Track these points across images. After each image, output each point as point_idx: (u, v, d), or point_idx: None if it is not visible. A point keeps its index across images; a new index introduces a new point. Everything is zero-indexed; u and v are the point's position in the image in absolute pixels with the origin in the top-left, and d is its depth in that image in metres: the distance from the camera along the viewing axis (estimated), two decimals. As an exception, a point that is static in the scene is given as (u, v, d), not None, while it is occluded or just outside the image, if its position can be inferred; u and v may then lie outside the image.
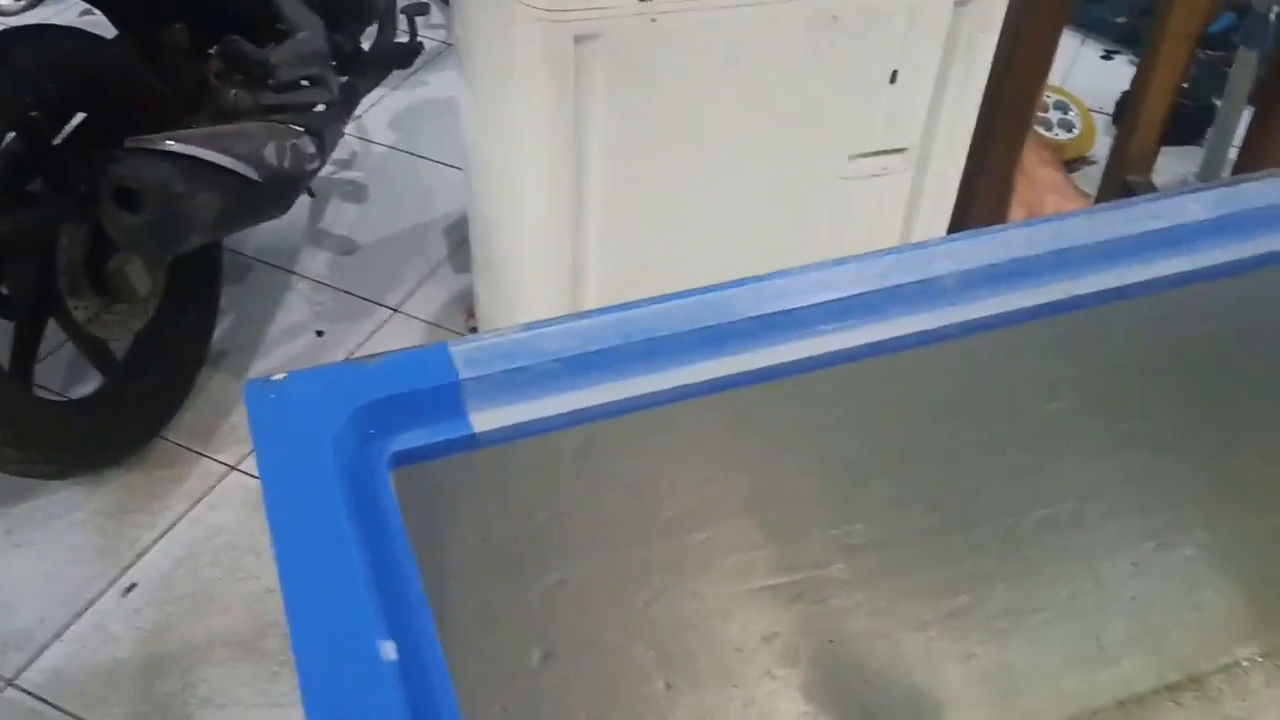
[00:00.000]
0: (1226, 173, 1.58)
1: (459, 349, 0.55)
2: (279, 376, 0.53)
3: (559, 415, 0.54)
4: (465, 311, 1.42)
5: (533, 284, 1.01)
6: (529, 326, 0.56)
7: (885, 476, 0.66)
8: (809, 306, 0.59)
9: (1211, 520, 0.80)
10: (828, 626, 0.73)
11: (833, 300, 0.59)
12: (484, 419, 0.53)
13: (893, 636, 0.76)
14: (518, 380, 0.54)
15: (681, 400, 0.56)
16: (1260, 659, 0.94)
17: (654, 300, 0.58)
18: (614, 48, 0.83)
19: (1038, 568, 0.76)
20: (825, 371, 0.58)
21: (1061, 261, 0.61)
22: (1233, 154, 1.59)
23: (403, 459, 0.52)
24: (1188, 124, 1.71)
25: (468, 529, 0.57)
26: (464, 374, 0.54)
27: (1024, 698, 0.87)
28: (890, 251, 0.62)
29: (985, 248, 0.62)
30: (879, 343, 0.59)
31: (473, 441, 0.53)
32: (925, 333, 0.59)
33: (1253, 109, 1.27)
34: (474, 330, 1.37)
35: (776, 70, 0.86)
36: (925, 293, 0.60)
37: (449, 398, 0.53)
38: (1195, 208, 0.65)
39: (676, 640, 0.68)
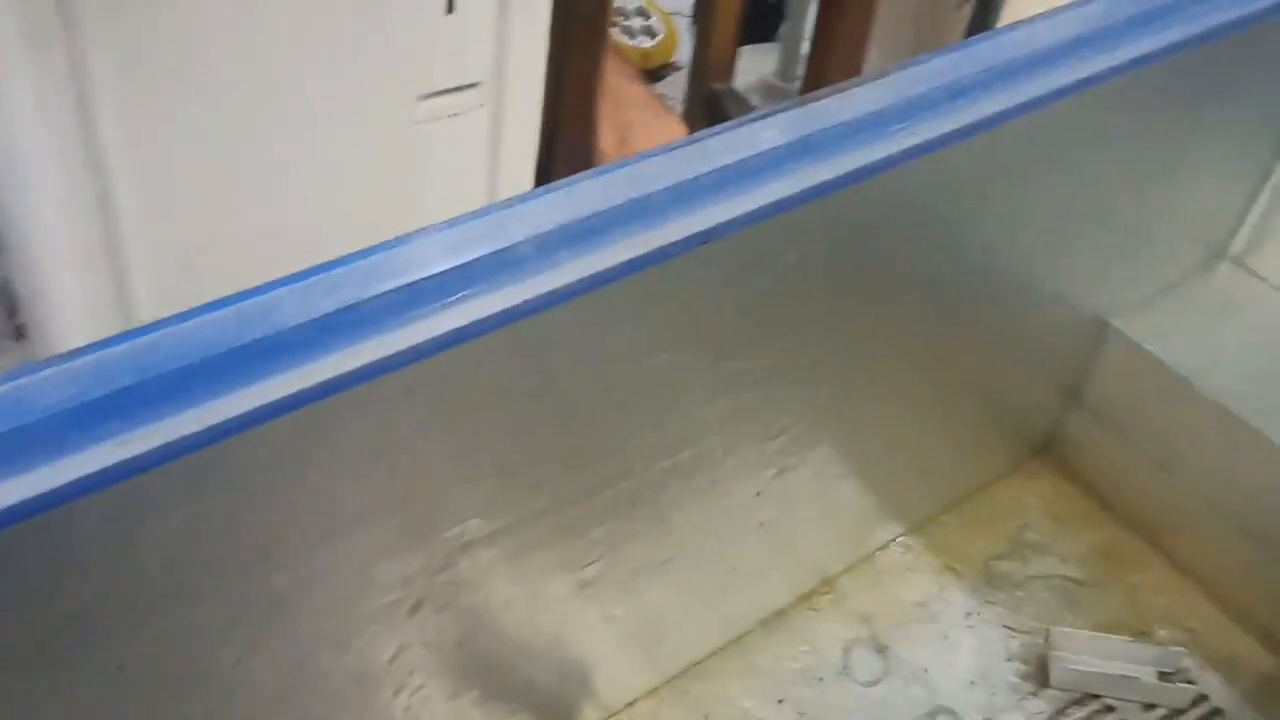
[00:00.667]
0: (801, 69, 1.63)
1: (-85, 420, 0.43)
2: None
3: (64, 486, 0.43)
4: (5, 310, 1.22)
5: (68, 274, 0.86)
6: (7, 376, 0.45)
7: (492, 466, 0.60)
8: (370, 299, 0.51)
9: (821, 436, 0.80)
10: (456, 628, 0.67)
11: (399, 288, 0.51)
12: (-39, 508, 0.42)
13: (528, 621, 0.71)
14: (2, 449, 0.43)
15: (229, 435, 0.47)
16: (878, 551, 0.98)
17: (175, 319, 0.48)
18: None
19: (666, 518, 0.73)
20: (403, 371, 0.51)
21: (639, 211, 0.57)
22: (806, 48, 1.64)
23: None
24: (762, 21, 1.75)
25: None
26: (-77, 454, 0.42)
27: (670, 642, 0.85)
28: (459, 221, 0.55)
29: (559, 205, 0.56)
30: (459, 329, 0.52)
31: (-52, 540, 0.41)
32: (508, 310, 0.53)
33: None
34: (19, 329, 1.18)
35: (314, 9, 0.75)
36: (501, 265, 0.54)
37: (-94, 488, 0.41)
38: (770, 134, 0.62)
39: (285, 688, 0.60)
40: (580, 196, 0.56)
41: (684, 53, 1.74)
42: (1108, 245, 0.89)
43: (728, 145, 0.60)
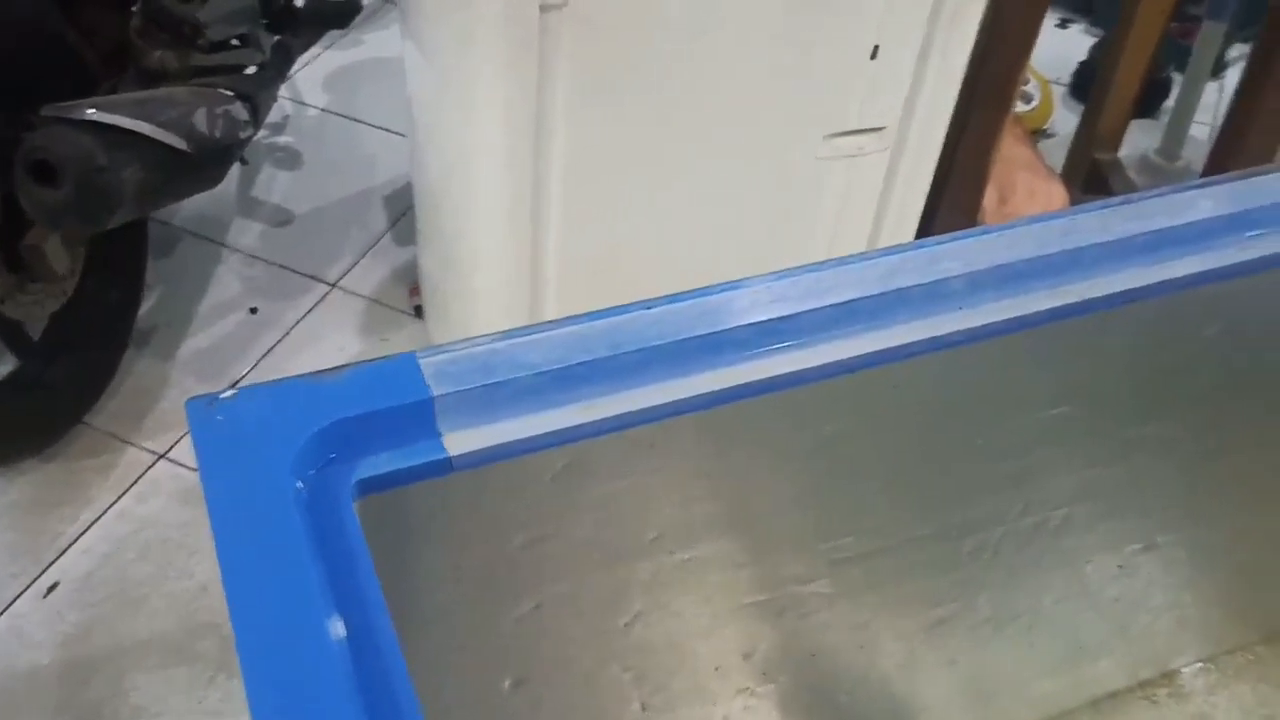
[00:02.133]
0: (1186, 149, 1.57)
1: (429, 361, 0.49)
2: (227, 394, 0.47)
3: (540, 435, 0.49)
4: (409, 288, 1.36)
5: (484, 262, 0.96)
6: (506, 335, 0.51)
7: (877, 489, 0.62)
8: (808, 311, 0.54)
9: (1198, 521, 0.77)
10: (809, 641, 0.69)
11: (833, 305, 0.55)
12: (458, 440, 0.48)
13: (874, 648, 0.72)
14: (495, 397, 0.49)
15: (671, 417, 0.51)
16: (1229, 654, 0.93)
17: (641, 305, 0.53)
18: (581, 16, 0.77)
19: (1025, 573, 0.73)
20: (825, 383, 0.54)
21: (1071, 262, 0.57)
22: (1193, 130, 1.57)
23: (369, 486, 0.47)
24: (1146, 97, 1.70)
25: (439, 557, 0.52)
26: (436, 390, 0.48)
27: (1000, 700, 0.84)
28: (891, 251, 0.58)
29: (991, 247, 0.58)
30: (880, 351, 0.54)
31: (446, 465, 0.48)
32: (930, 340, 0.55)
33: (1221, 84, 1.25)
34: (418, 308, 1.30)
35: (752, 43, 0.81)
36: (930, 296, 0.56)
37: (420, 417, 0.48)
38: (1206, 203, 0.61)
39: (654, 661, 0.64)
40: (1013, 241, 0.58)
41: (1057, 121, 1.71)
42: None
43: (1163, 210, 0.60)
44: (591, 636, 0.60)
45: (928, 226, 0.97)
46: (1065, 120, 1.68)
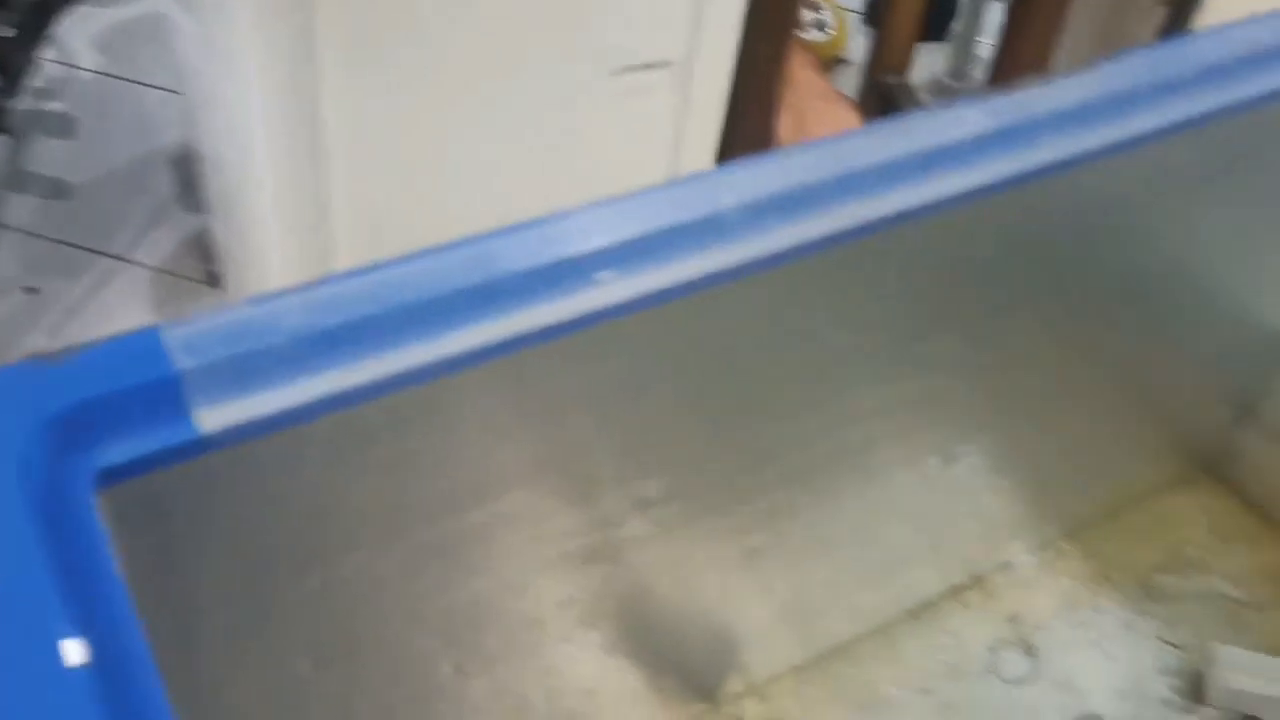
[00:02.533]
0: (976, 69, 1.61)
1: (175, 333, 0.46)
2: (-62, 387, 0.43)
3: (306, 404, 0.46)
4: (201, 255, 1.29)
5: (271, 224, 0.91)
6: (259, 299, 0.48)
7: (675, 427, 0.62)
8: (584, 254, 0.53)
9: (991, 430, 0.80)
10: (625, 584, 0.69)
11: (610, 245, 0.53)
12: (212, 417, 0.45)
13: (690, 583, 0.73)
14: (251, 366, 0.46)
15: (449, 373, 0.49)
16: (1033, 553, 0.97)
17: (407, 259, 0.51)
18: (341, -42, 0.73)
19: (832, 495, 0.74)
20: (606, 325, 0.53)
21: (845, 186, 0.58)
22: (982, 50, 1.62)
23: (113, 475, 0.44)
24: (933, 20, 1.73)
25: (209, 544, 0.49)
26: (183, 364, 0.45)
27: (820, 620, 0.86)
28: (666, 186, 0.56)
29: (766, 176, 0.57)
30: (660, 290, 0.54)
31: (201, 445, 0.45)
32: (711, 274, 0.54)
33: (1004, 3, 1.28)
34: (214, 276, 1.24)
35: (525, -20, 0.78)
36: (709, 229, 0.55)
37: (166, 395, 0.45)
38: (976, 118, 0.62)
39: (464, 623, 0.63)
40: (786, 169, 0.58)
41: (854, 48, 1.73)
42: (1301, 257, 0.87)
43: (934, 128, 0.61)
44: (391, 607, 0.58)
45: (725, 158, 0.96)
46: (861, 48, 1.70)
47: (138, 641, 0.39)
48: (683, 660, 0.79)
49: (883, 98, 1.26)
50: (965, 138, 0.60)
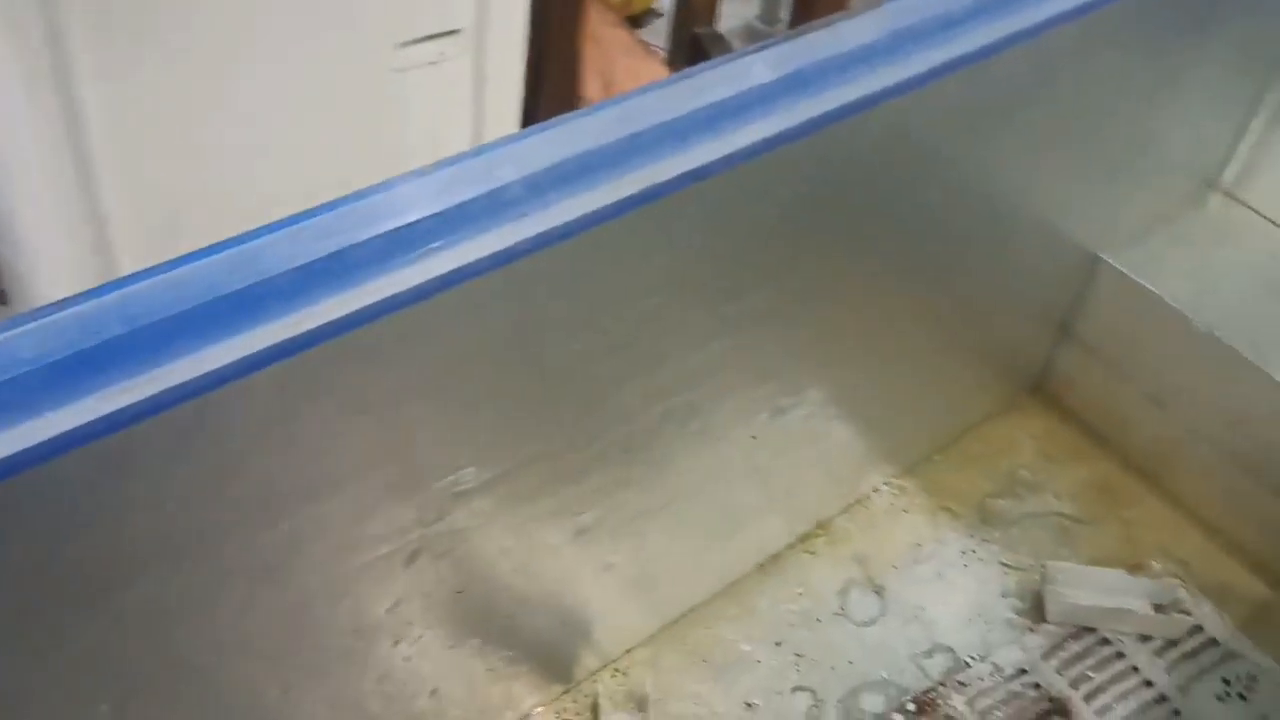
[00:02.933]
0: (784, 12, 1.61)
1: (-104, 377, 0.41)
2: None
3: (52, 440, 0.42)
4: (-15, 273, 1.20)
5: (43, 234, 0.84)
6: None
7: (485, 415, 0.59)
8: (359, 244, 0.50)
9: (816, 378, 0.79)
10: (454, 578, 0.66)
11: (386, 233, 0.50)
12: (-54, 466, 0.41)
13: (525, 570, 0.70)
14: (-12, 404, 0.42)
15: (220, 386, 0.46)
16: (875, 493, 0.98)
17: (160, 268, 0.47)
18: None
19: (661, 463, 0.73)
20: (394, 317, 0.50)
21: (633, 149, 0.55)
22: (787, -8, 1.61)
23: None
24: (743, -35, 1.73)
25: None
26: (-94, 411, 0.41)
27: (670, 588, 0.85)
28: (446, 164, 0.53)
29: (550, 145, 0.55)
30: (449, 273, 0.51)
31: (-64, 498, 0.40)
32: (496, 254, 0.52)
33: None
34: (1, 295, 1.16)
35: (290, -47, 0.73)
36: (492, 206, 0.53)
37: (-110, 447, 0.40)
38: (761, 69, 0.61)
39: (283, 641, 0.59)
40: (570, 136, 0.55)
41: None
42: (1098, 177, 0.89)
43: (718, 81, 0.59)
44: (198, 635, 0.55)
45: (530, 125, 0.93)
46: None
47: None
48: (531, 646, 0.77)
49: (694, 48, 1.25)
50: (753, 88, 0.59)
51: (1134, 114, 0.85)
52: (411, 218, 0.50)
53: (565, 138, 0.55)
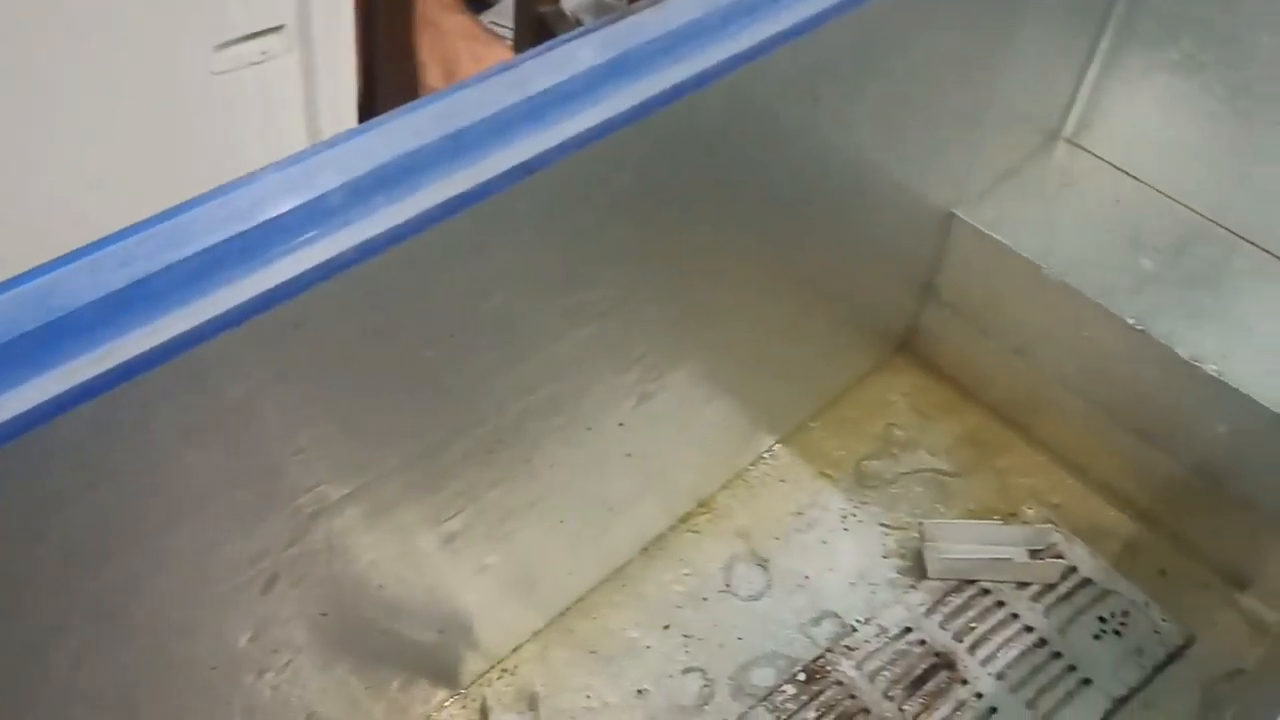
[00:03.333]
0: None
1: None
2: None
3: None
4: None
5: None
6: None
7: (332, 431, 0.57)
8: (167, 268, 0.47)
9: (678, 359, 0.79)
10: (318, 600, 0.64)
11: (196, 253, 0.48)
12: None
13: (394, 583, 0.68)
14: None
15: (12, 439, 0.43)
16: (753, 465, 0.98)
17: (-51, 310, 0.43)
18: None
19: (529, 460, 0.71)
20: (209, 344, 0.47)
21: (457, 148, 0.54)
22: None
23: None
24: (588, -61, 1.70)
25: None
26: None
27: (549, 583, 0.84)
28: (260, 174, 0.51)
29: (370, 148, 0.53)
30: (265, 293, 0.48)
31: None
32: (320, 265, 0.49)
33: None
34: None
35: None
36: (310, 217, 0.50)
37: None
38: (587, 53, 0.59)
39: (131, 690, 0.56)
40: (391, 136, 0.53)
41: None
42: (944, 135, 0.89)
43: (544, 69, 0.57)
44: (25, 693, 0.51)
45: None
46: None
47: None
48: (411, 657, 0.76)
49: (540, 28, 1.23)
50: (577, 76, 0.57)
51: (973, 72, 0.86)
52: (218, 237, 0.48)
53: (387, 139, 0.53)
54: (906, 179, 0.90)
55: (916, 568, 0.92)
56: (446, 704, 0.82)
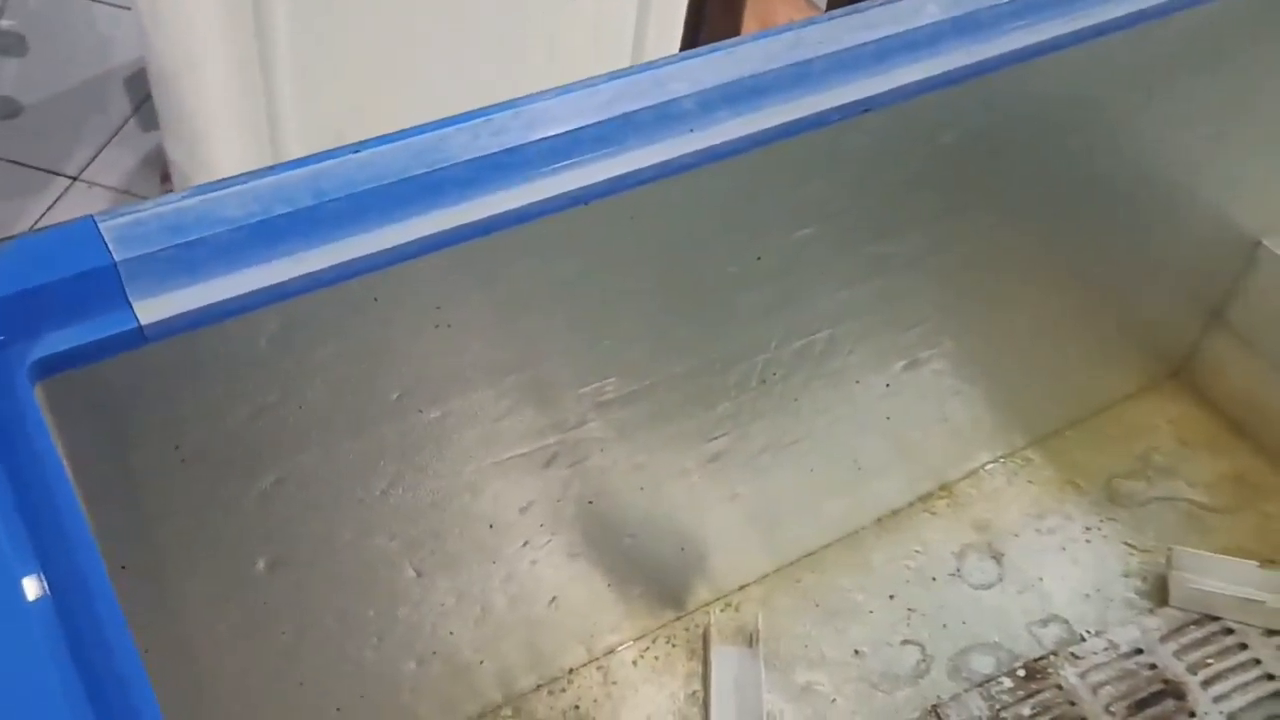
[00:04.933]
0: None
1: (111, 224, 0.45)
2: None
3: (246, 295, 0.45)
4: (159, 174, 1.26)
5: (224, 136, 0.89)
6: (199, 190, 0.47)
7: (631, 325, 0.61)
8: (534, 143, 0.52)
9: (956, 334, 0.79)
10: (586, 487, 0.68)
11: (560, 134, 0.52)
12: (152, 308, 0.44)
13: (654, 488, 0.72)
14: (191, 257, 0.45)
15: (394, 264, 0.48)
16: (1001, 461, 0.97)
17: (351, 148, 0.49)
18: None
19: (795, 399, 0.74)
20: (559, 216, 0.52)
21: (802, 75, 0.56)
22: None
23: (50, 366, 0.43)
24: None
25: (154, 439, 0.48)
26: (120, 255, 0.44)
27: (786, 528, 0.86)
28: (618, 75, 0.55)
29: (721, 65, 0.56)
30: (615, 178, 0.52)
31: (140, 336, 0.44)
32: (661, 164, 0.53)
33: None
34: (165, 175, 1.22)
35: None
36: (660, 119, 0.54)
37: (104, 285, 0.44)
38: (933, 7, 0.61)
39: (421, 525, 0.62)
40: (740, 59, 0.56)
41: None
42: (1269, 159, 0.86)
43: (892, 17, 0.59)
44: (347, 507, 0.58)
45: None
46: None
47: (84, 533, 0.39)
48: (650, 568, 0.79)
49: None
50: (923, 27, 0.59)
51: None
52: (579, 123, 0.52)
53: (736, 60, 0.56)
54: (1220, 197, 0.87)
55: (1157, 593, 0.89)
56: (671, 623, 0.85)
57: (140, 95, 1.35)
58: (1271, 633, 0.87)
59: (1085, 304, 0.89)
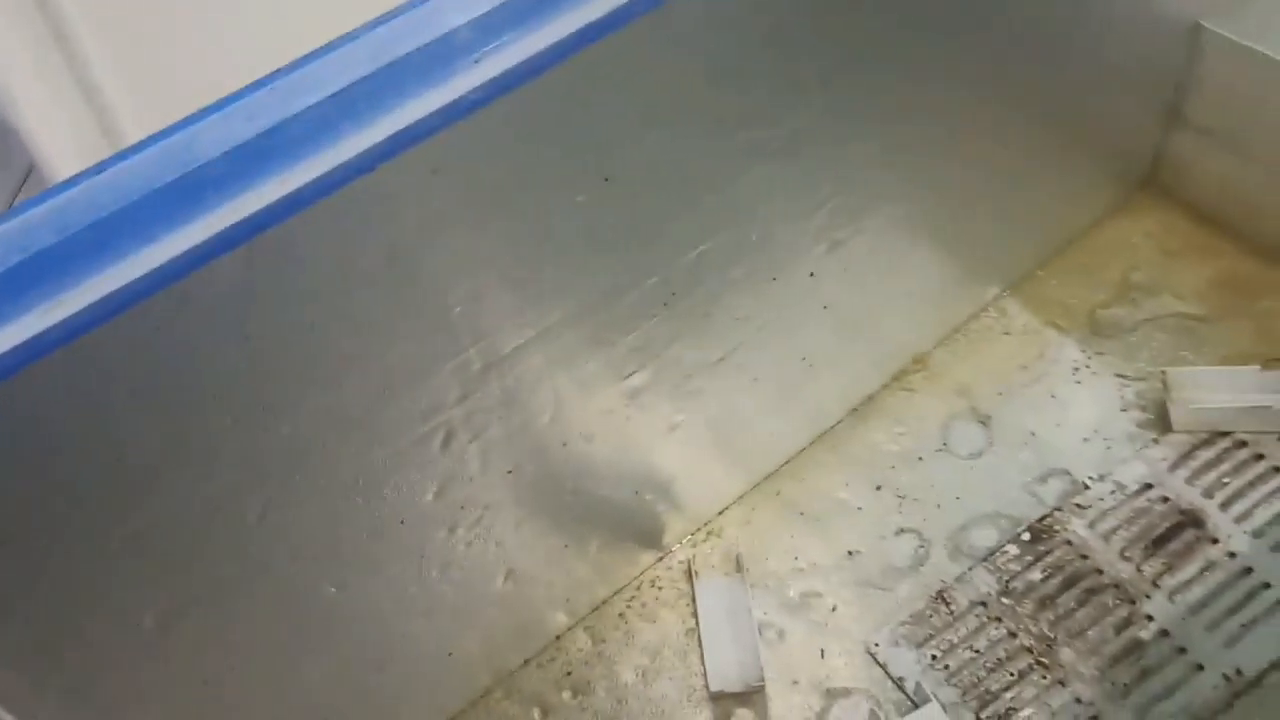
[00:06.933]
0: None
1: None
2: None
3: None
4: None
5: (45, 117, 0.83)
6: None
7: (484, 287, 0.56)
8: (295, 117, 0.47)
9: (874, 200, 0.73)
10: (500, 456, 0.64)
11: (325, 99, 0.47)
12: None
13: (580, 440, 0.68)
14: None
15: (165, 286, 0.44)
16: (974, 318, 0.92)
17: (94, 169, 0.45)
18: None
19: (707, 314, 0.69)
20: (348, 189, 0.47)
21: (587, -32, 0.50)
22: None
23: None
24: None
25: None
26: None
27: (751, 443, 0.82)
28: (384, 19, 0.50)
29: (495, -21, 0.50)
30: (399, 133, 0.47)
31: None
32: (451, 105, 0.48)
33: None
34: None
35: None
36: (438, 57, 0.49)
37: None
38: None
39: (318, 540, 0.58)
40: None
41: None
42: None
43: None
44: (223, 542, 0.54)
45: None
46: None
47: None
48: (609, 518, 0.75)
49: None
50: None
51: None
52: (346, 81, 0.47)
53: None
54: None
55: (1159, 420, 0.83)
56: (652, 566, 0.82)
57: None
58: (1286, 437, 0.81)
59: (1030, 131, 0.82)
